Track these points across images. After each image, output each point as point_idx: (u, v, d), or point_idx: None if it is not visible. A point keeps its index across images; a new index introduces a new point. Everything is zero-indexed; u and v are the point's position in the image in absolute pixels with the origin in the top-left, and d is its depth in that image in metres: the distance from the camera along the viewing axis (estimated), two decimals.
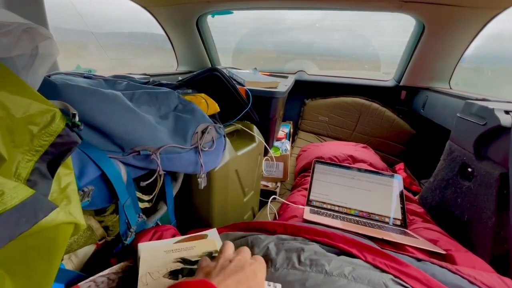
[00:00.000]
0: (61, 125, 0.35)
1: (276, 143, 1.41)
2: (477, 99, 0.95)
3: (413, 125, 1.67)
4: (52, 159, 0.34)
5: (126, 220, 0.52)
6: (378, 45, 1.86)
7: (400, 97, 1.71)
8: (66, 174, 0.36)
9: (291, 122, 1.88)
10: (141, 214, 0.57)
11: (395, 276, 0.46)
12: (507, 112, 0.75)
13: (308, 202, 0.97)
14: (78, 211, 0.35)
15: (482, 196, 0.76)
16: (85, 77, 0.63)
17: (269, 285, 0.39)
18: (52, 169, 0.34)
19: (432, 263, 0.53)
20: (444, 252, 0.68)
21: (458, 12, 1.16)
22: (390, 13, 1.35)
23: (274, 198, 1.07)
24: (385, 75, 1.82)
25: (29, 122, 0.32)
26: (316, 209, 0.94)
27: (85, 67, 1.30)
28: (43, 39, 0.36)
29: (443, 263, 0.53)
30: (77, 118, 0.36)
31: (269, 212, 1.02)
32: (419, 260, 0.54)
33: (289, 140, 1.64)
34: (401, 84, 1.66)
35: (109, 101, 0.47)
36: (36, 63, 0.35)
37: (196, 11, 1.51)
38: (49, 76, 0.52)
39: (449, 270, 0.51)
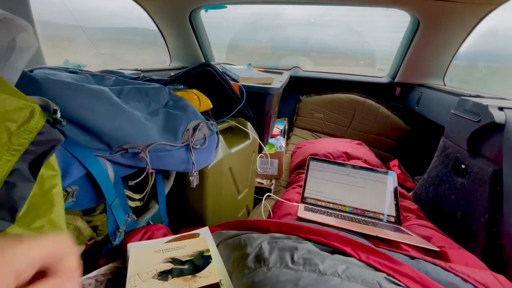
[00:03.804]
0: (41, 121, 0.33)
1: (270, 140, 1.40)
2: (470, 96, 0.95)
3: (408, 121, 1.68)
4: (34, 159, 0.32)
5: (114, 221, 0.51)
6: (373, 41, 1.86)
7: (394, 93, 1.71)
8: (51, 176, 0.34)
9: (286, 119, 1.86)
10: (130, 213, 0.55)
11: (389, 275, 0.45)
12: (501, 108, 0.75)
13: (303, 200, 0.96)
14: (61, 217, 0.33)
15: (476, 193, 0.76)
16: (70, 72, 0.60)
17: None
18: (35, 170, 0.32)
19: (426, 261, 0.52)
20: (437, 249, 0.68)
21: (453, 7, 1.15)
22: (386, 8, 1.34)
23: (269, 196, 1.07)
24: (380, 71, 1.82)
25: (5, 118, 0.30)
26: (310, 206, 0.93)
27: (75, 62, 1.27)
28: (21, 30, 0.34)
29: (437, 261, 0.53)
30: (58, 114, 0.34)
31: (264, 209, 1.01)
32: (412, 258, 0.54)
33: (284, 137, 1.63)
34: (395, 80, 1.66)
35: (94, 96, 0.45)
36: (13, 56, 0.33)
37: (189, 5, 1.48)
38: (31, 71, 0.49)
39: (443, 268, 0.50)
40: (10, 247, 0.16)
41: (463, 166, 0.84)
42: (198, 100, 0.75)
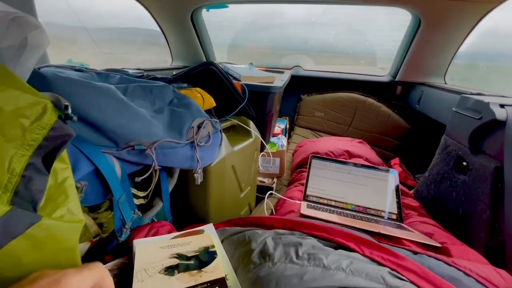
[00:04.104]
0: (53, 117, 0.33)
1: (272, 139, 1.40)
2: (472, 94, 0.95)
3: (409, 120, 1.68)
4: (47, 153, 0.33)
5: (121, 217, 0.51)
6: (374, 40, 1.86)
7: (395, 92, 1.72)
8: (62, 169, 0.35)
9: (287, 117, 1.87)
10: (136, 210, 0.56)
11: (392, 269, 0.46)
12: (502, 106, 0.76)
13: (305, 197, 0.97)
14: (77, 207, 0.34)
15: (477, 190, 0.77)
16: (76, 70, 0.61)
17: None
18: (48, 163, 0.33)
19: (429, 256, 0.53)
20: (439, 245, 0.68)
21: (454, 6, 1.16)
22: (387, 7, 1.35)
23: (271, 194, 1.07)
24: (381, 70, 1.83)
25: (19, 115, 0.31)
26: (313, 204, 0.94)
27: (77, 62, 1.27)
28: (32, 29, 0.35)
29: (439, 256, 0.53)
30: (69, 110, 0.34)
31: (266, 207, 1.02)
32: (415, 253, 0.54)
33: (285, 135, 1.64)
34: (396, 79, 1.66)
35: (101, 94, 0.46)
36: (24, 54, 0.34)
37: (190, 5, 1.48)
38: (39, 69, 0.50)
39: (445, 263, 0.51)
40: (74, 277, 0.24)
41: (464, 163, 0.85)
42: (201, 98, 0.76)
